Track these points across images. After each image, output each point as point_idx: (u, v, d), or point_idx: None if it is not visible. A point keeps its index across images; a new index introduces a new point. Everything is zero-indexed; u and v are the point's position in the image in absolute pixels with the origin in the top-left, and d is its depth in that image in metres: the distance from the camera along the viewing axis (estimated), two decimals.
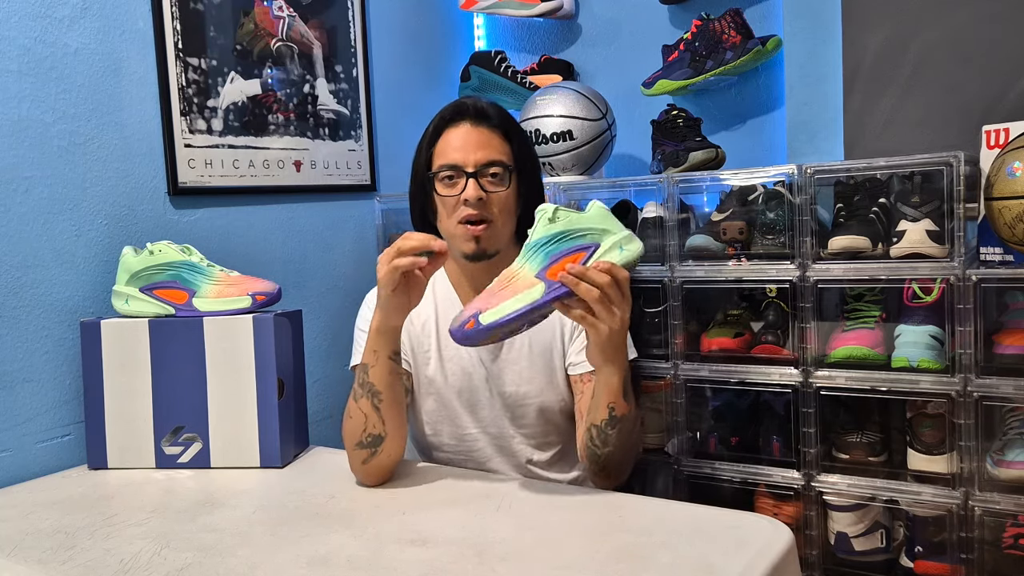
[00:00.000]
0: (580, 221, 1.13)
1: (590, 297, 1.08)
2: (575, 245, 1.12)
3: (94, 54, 1.53)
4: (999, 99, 1.63)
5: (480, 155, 1.31)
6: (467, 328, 1.10)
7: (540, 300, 1.10)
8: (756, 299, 1.67)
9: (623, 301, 1.11)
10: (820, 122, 1.84)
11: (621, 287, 1.11)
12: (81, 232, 1.51)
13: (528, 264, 1.13)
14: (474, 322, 1.10)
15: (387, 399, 1.22)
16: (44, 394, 1.45)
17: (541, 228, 1.14)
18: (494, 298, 1.12)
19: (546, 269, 1.11)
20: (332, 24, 1.99)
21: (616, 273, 1.10)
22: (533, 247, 1.14)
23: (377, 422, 1.22)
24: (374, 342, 1.22)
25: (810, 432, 1.54)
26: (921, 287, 1.48)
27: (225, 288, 1.45)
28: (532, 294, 1.10)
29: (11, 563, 1.04)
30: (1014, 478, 1.36)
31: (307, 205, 1.94)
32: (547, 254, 1.12)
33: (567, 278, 1.09)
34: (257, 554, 1.02)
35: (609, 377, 1.18)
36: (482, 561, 0.96)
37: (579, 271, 1.09)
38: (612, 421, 1.20)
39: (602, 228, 1.13)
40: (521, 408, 1.39)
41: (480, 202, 1.30)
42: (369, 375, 1.22)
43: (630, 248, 1.13)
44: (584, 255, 1.12)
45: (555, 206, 1.14)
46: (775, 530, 1.03)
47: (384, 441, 1.22)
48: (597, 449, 1.23)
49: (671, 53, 1.95)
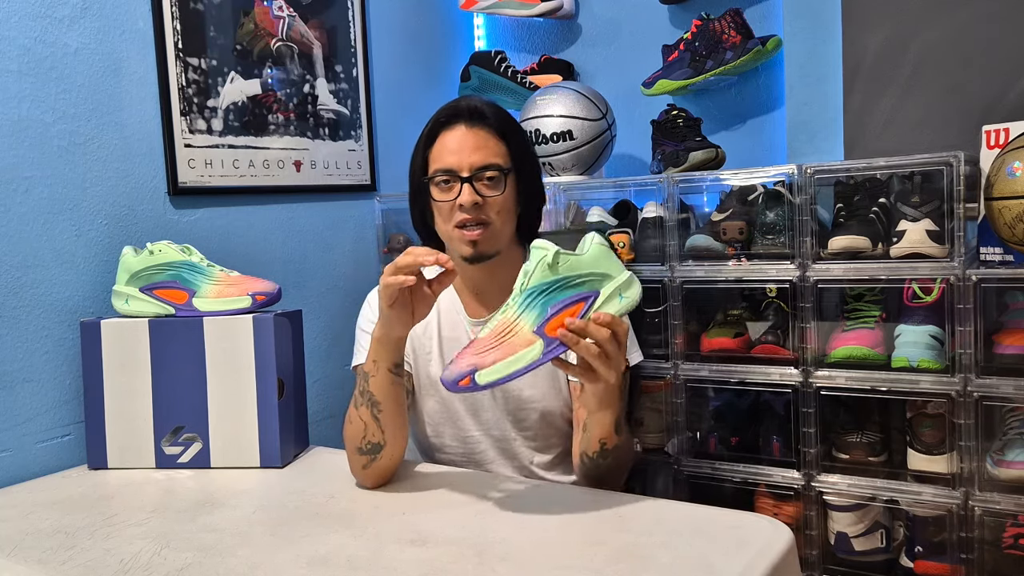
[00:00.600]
0: (579, 266, 1.10)
1: (589, 355, 1.07)
2: (574, 295, 1.09)
3: (94, 54, 1.53)
4: (999, 99, 1.63)
5: (475, 158, 1.29)
6: (461, 384, 1.08)
7: (538, 360, 1.08)
8: (756, 299, 1.67)
9: (620, 353, 1.10)
10: (820, 122, 1.84)
11: (619, 340, 1.09)
12: (81, 232, 1.51)
13: (525, 315, 1.10)
14: (470, 380, 1.07)
15: (387, 409, 1.22)
16: (44, 394, 1.46)
17: (539, 274, 1.10)
18: (491, 354, 1.08)
19: (544, 324, 1.08)
20: (332, 24, 1.99)
21: (615, 327, 1.08)
22: (531, 294, 1.10)
23: (376, 431, 1.22)
24: (375, 352, 1.21)
25: (810, 432, 1.54)
26: (921, 287, 1.48)
27: (225, 288, 1.45)
28: (531, 353, 1.08)
29: (11, 563, 1.04)
30: (1014, 478, 1.36)
31: (307, 205, 1.94)
32: (545, 305, 1.09)
33: (567, 336, 1.06)
34: (257, 554, 1.02)
35: (603, 418, 1.19)
36: (482, 561, 0.96)
37: (579, 327, 1.06)
38: (603, 453, 1.22)
39: (602, 273, 1.10)
40: (524, 411, 1.39)
41: (476, 207, 1.28)
42: (369, 384, 1.22)
43: (629, 295, 1.11)
44: (583, 307, 1.09)
45: (556, 250, 1.10)
46: (775, 530, 1.03)
47: (384, 448, 1.22)
48: (589, 472, 1.25)
49: (671, 53, 1.95)
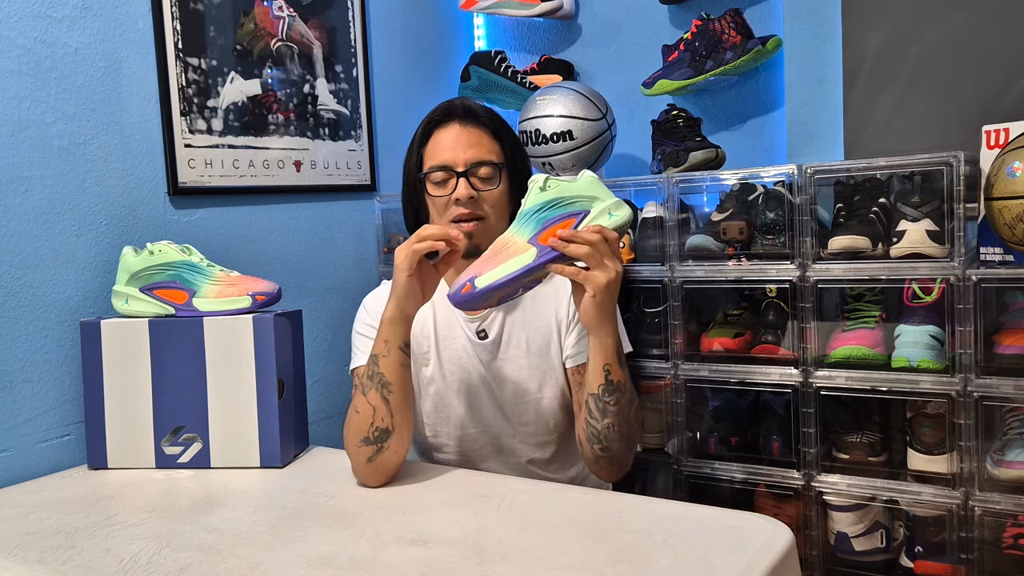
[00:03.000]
0: (570, 189, 1.18)
1: (581, 253, 1.12)
2: (565, 212, 1.17)
3: (94, 54, 1.53)
4: (999, 99, 1.63)
5: (470, 154, 1.33)
6: (463, 292, 1.15)
7: (533, 263, 1.15)
8: (756, 299, 1.67)
9: (614, 257, 1.15)
10: (820, 122, 1.84)
11: (611, 245, 1.14)
12: (81, 232, 1.51)
13: (520, 231, 1.18)
14: (470, 286, 1.15)
15: (397, 390, 1.23)
16: (44, 394, 1.46)
17: (532, 197, 1.18)
18: (488, 263, 1.16)
19: (538, 235, 1.16)
20: (332, 24, 1.99)
21: (606, 233, 1.14)
22: (525, 215, 1.18)
23: (386, 415, 1.22)
24: (386, 332, 1.23)
25: (810, 432, 1.54)
26: (921, 287, 1.48)
27: (225, 288, 1.45)
28: (525, 258, 1.15)
29: (11, 563, 1.04)
30: (1014, 478, 1.36)
31: (307, 205, 1.94)
32: (538, 221, 1.17)
33: (557, 242, 1.13)
34: (257, 554, 1.02)
35: (603, 339, 1.21)
36: (482, 561, 0.96)
37: (570, 235, 1.13)
38: (609, 387, 1.21)
39: (591, 195, 1.18)
40: (520, 407, 1.39)
41: (471, 201, 1.32)
42: (380, 366, 1.22)
43: (619, 214, 1.17)
44: (574, 220, 1.17)
45: (545, 176, 1.19)
46: (775, 530, 1.03)
47: (391, 436, 1.22)
48: (596, 423, 1.23)
49: (671, 53, 1.95)
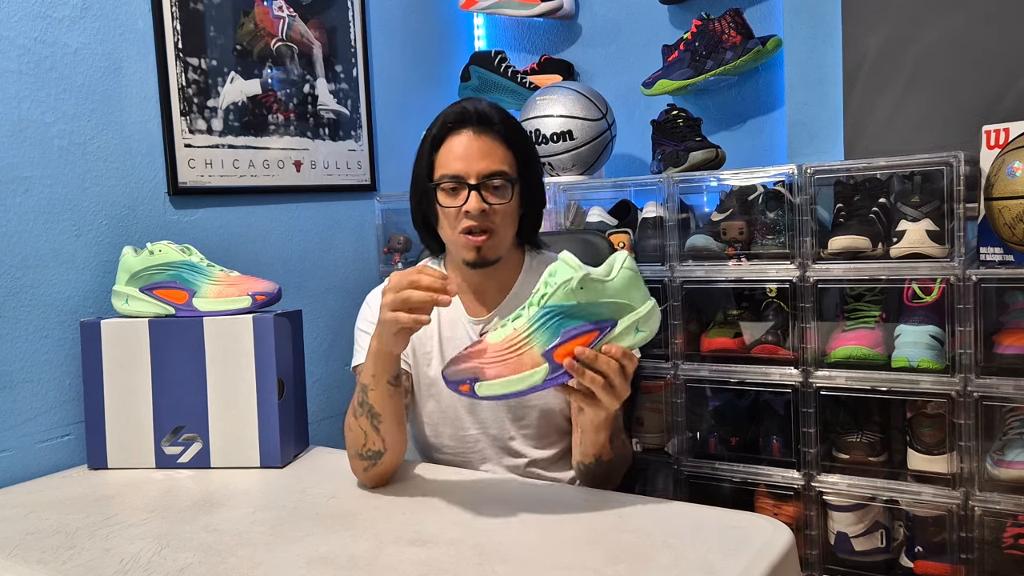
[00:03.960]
0: (604, 293, 1.06)
1: (595, 385, 1.06)
2: (589, 325, 1.07)
3: (94, 54, 1.53)
4: (999, 99, 1.63)
5: (483, 166, 1.29)
6: (462, 389, 1.08)
7: (540, 384, 1.07)
8: (756, 299, 1.67)
9: (625, 385, 1.09)
10: (820, 122, 1.84)
11: (627, 373, 1.08)
12: (81, 232, 1.51)
13: (538, 335, 1.07)
14: (469, 388, 1.07)
15: (386, 420, 1.22)
16: (44, 394, 1.45)
17: (562, 292, 1.05)
18: (496, 367, 1.07)
19: (554, 349, 1.06)
20: (332, 24, 1.99)
21: (625, 361, 1.07)
22: (548, 313, 1.06)
23: (376, 440, 1.22)
24: (373, 366, 1.20)
25: (810, 432, 1.54)
26: (921, 287, 1.48)
27: (225, 288, 1.45)
28: (534, 377, 1.06)
29: (11, 563, 1.04)
30: (1014, 478, 1.36)
31: (307, 205, 1.94)
32: (559, 327, 1.06)
33: (574, 367, 1.05)
34: (257, 554, 1.02)
35: (597, 439, 1.20)
36: (482, 561, 0.96)
37: (588, 358, 1.05)
38: (599, 464, 1.24)
39: (624, 301, 1.07)
40: (522, 409, 1.39)
41: (482, 214, 1.28)
42: (368, 397, 1.21)
43: (646, 329, 1.08)
44: (596, 336, 1.07)
45: (583, 274, 1.05)
46: (775, 530, 1.03)
47: (384, 455, 1.24)
48: (585, 477, 1.28)
49: (671, 53, 1.95)
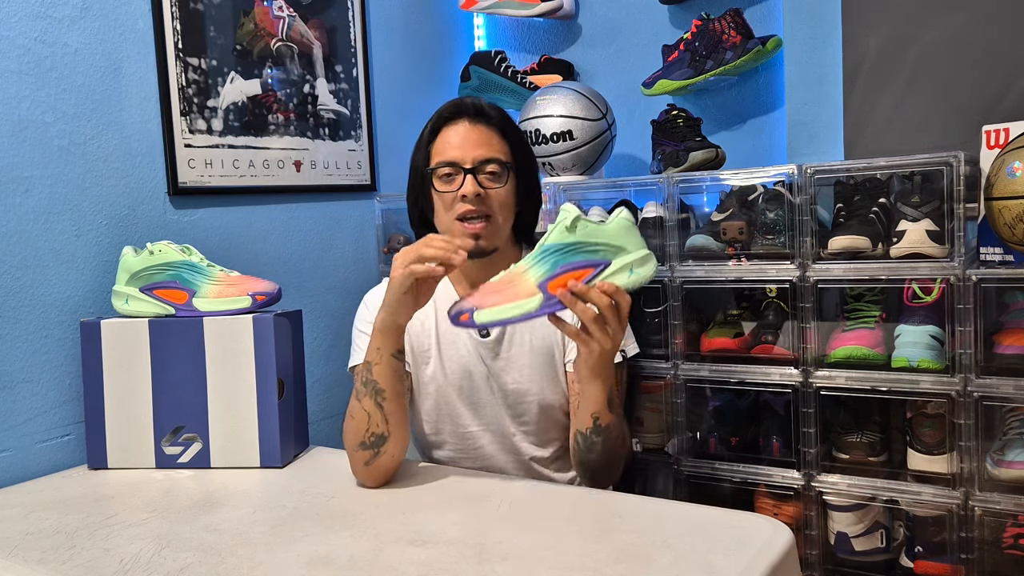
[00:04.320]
0: (597, 234, 1.10)
1: (586, 317, 1.08)
2: (585, 260, 1.10)
3: (94, 54, 1.53)
4: (999, 99, 1.63)
5: (478, 152, 1.33)
6: (462, 319, 1.14)
7: (534, 312, 1.10)
8: (756, 299, 1.67)
9: (619, 324, 1.11)
10: (820, 122, 1.84)
11: (620, 311, 1.10)
12: (81, 232, 1.51)
13: (534, 268, 1.12)
14: (468, 316, 1.13)
15: (391, 396, 1.22)
16: (44, 394, 1.46)
17: (556, 233, 1.11)
18: (492, 297, 1.13)
19: (549, 280, 1.10)
20: (332, 24, 1.99)
21: (618, 297, 1.09)
22: (545, 251, 1.12)
23: (380, 421, 1.22)
24: (378, 340, 1.23)
25: (810, 432, 1.54)
26: (921, 287, 1.48)
27: (225, 288, 1.45)
28: (528, 304, 1.11)
29: (11, 563, 1.04)
30: (1014, 478, 1.36)
31: (307, 205, 1.94)
32: (555, 263, 1.10)
33: (566, 296, 1.08)
34: (257, 554, 1.02)
35: (594, 390, 1.20)
36: (482, 561, 0.96)
37: (581, 290, 1.08)
38: (596, 430, 1.23)
39: (619, 245, 1.10)
40: (522, 405, 1.39)
41: (478, 198, 1.31)
42: (373, 373, 1.22)
43: (640, 272, 1.10)
44: (591, 272, 1.10)
45: (577, 213, 1.10)
46: (775, 530, 1.04)
47: (387, 441, 1.22)
48: (583, 454, 1.26)
49: (671, 53, 1.95)
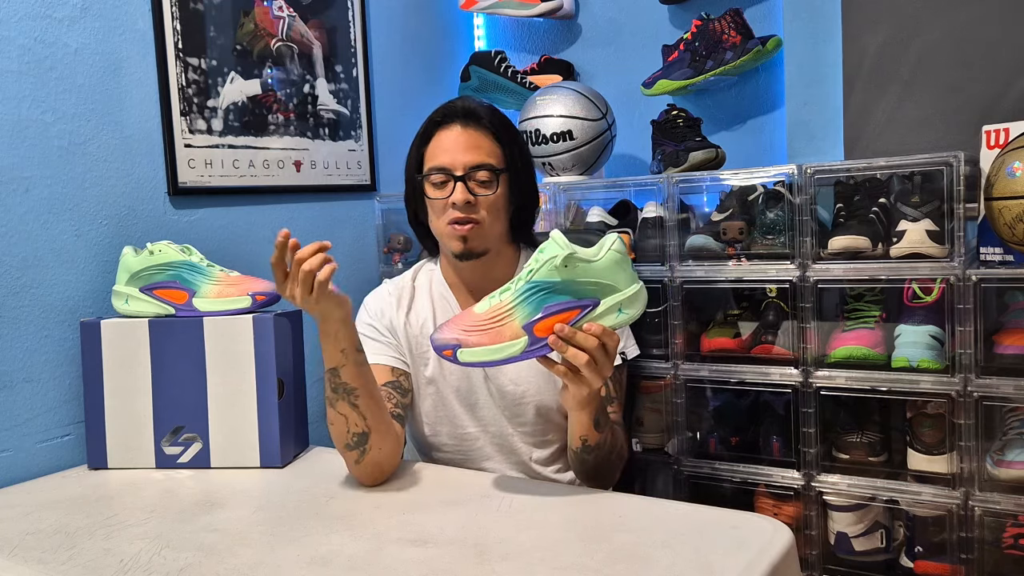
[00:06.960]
0: (588, 273, 1.08)
1: (578, 362, 1.08)
2: (571, 302, 1.09)
3: (94, 54, 1.53)
4: (999, 99, 1.63)
5: (469, 158, 1.32)
6: (445, 354, 1.11)
7: (518, 356, 1.09)
8: (756, 299, 1.67)
9: (607, 362, 1.10)
10: (820, 122, 1.84)
11: (608, 351, 1.09)
12: (81, 232, 1.51)
13: (520, 308, 1.09)
14: (452, 353, 1.10)
15: (363, 393, 1.22)
16: (44, 394, 1.45)
17: (546, 269, 1.08)
18: (477, 335, 1.10)
19: (535, 323, 1.08)
20: (332, 24, 1.99)
21: (605, 339, 1.08)
22: (532, 288, 1.09)
23: (358, 419, 1.22)
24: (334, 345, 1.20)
25: (810, 432, 1.54)
26: (921, 287, 1.48)
27: (225, 288, 1.45)
28: (513, 347, 1.09)
29: (11, 563, 1.04)
30: (1014, 478, 1.36)
31: (307, 205, 1.94)
32: (541, 303, 1.08)
33: (557, 343, 1.07)
34: (257, 554, 1.02)
35: (582, 418, 1.21)
36: (482, 561, 0.96)
37: (567, 334, 1.07)
38: (586, 449, 1.24)
39: (609, 282, 1.09)
40: (520, 407, 1.39)
41: (468, 205, 1.30)
42: (342, 376, 1.21)
43: (629, 312, 1.09)
44: (578, 313, 1.09)
45: (568, 252, 1.07)
46: (775, 530, 1.03)
47: (370, 437, 1.22)
48: (576, 465, 1.29)
49: (671, 53, 1.95)
